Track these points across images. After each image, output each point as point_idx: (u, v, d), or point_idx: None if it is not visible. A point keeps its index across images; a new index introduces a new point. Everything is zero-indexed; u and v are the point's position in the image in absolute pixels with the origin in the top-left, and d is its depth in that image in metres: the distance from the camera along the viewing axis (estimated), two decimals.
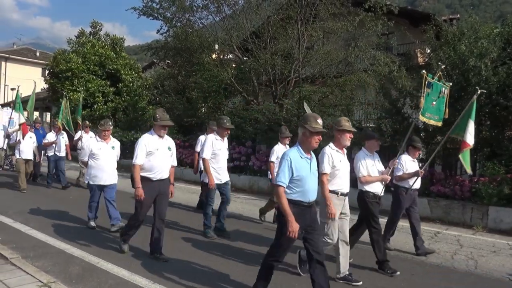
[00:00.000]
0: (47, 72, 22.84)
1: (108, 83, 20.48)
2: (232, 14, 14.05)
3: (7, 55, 42.67)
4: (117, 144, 6.60)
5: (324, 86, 12.93)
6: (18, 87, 11.69)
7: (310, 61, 13.36)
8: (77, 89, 19.28)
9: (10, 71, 41.33)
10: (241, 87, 13.95)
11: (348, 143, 4.50)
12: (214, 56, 15.15)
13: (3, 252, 4.70)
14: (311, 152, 3.73)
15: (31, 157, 10.02)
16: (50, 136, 10.62)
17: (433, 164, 9.65)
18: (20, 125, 10.17)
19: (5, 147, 11.18)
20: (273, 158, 7.15)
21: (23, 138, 9.90)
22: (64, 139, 10.75)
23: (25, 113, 11.12)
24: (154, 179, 4.86)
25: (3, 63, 42.59)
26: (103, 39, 22.84)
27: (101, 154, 6.30)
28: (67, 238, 5.67)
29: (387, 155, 11.08)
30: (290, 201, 3.50)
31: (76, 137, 10.96)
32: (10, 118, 11.70)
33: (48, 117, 27.92)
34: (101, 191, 6.38)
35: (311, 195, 3.65)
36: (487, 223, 7.63)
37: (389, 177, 5.16)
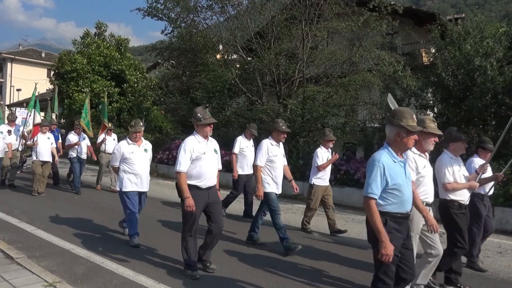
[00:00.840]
0: (52, 73, 22.99)
1: (113, 83, 20.57)
2: (236, 14, 14.07)
3: (13, 56, 43.01)
4: (149, 146, 5.90)
5: (329, 86, 12.92)
6: (36, 84, 11.18)
7: (314, 61, 13.35)
8: (82, 89, 19.40)
9: (15, 72, 41.64)
10: (245, 87, 13.96)
11: (431, 148, 3.88)
12: (218, 56, 15.18)
13: (9, 252, 4.73)
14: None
15: (49, 159, 9.40)
16: (72, 138, 9.98)
17: None
18: (34, 125, 9.67)
19: (20, 149, 10.61)
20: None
21: (31, 140, 9.39)
22: (85, 141, 10.23)
23: (52, 115, 10.97)
24: (203, 187, 4.34)
25: (9, 64, 42.92)
26: (108, 39, 22.94)
27: (135, 158, 5.57)
28: (72, 238, 5.69)
29: None
30: (385, 214, 2.93)
31: (99, 140, 10.50)
32: (26, 118, 11.32)
33: (53, 117, 27.97)
34: (140, 198, 5.68)
35: (409, 205, 3.07)
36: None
37: (477, 184, 4.51)
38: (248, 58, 14.48)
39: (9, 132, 10.17)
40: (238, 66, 15.40)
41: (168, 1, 13.57)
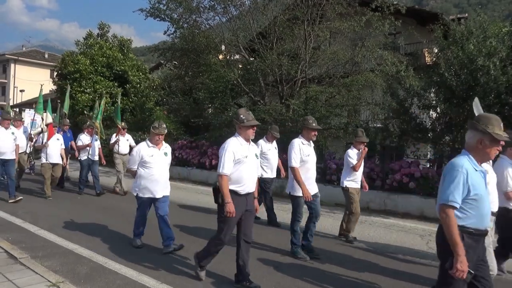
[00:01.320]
0: (55, 73, 23.08)
1: (115, 84, 20.63)
2: (238, 14, 14.08)
3: (16, 57, 43.24)
4: (169, 150, 5.58)
5: (331, 86, 12.90)
6: (42, 86, 10.98)
7: (316, 61, 13.34)
8: (85, 90, 19.46)
9: (19, 73, 41.84)
10: (247, 88, 13.97)
11: (493, 156, 3.02)
12: (220, 56, 15.19)
13: (13, 252, 4.76)
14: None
15: (58, 161, 9.03)
16: (85, 139, 9.70)
17: (441, 165, 9.58)
18: (47, 125, 9.24)
19: (28, 151, 10.27)
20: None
21: (47, 140, 8.93)
22: (97, 142, 9.94)
23: (64, 115, 10.61)
24: (242, 193, 4.11)
25: (12, 65, 43.12)
26: (110, 40, 23.02)
27: (154, 162, 5.25)
28: (76, 238, 5.71)
29: (394, 155, 11.10)
30: (462, 229, 2.65)
31: (112, 140, 10.20)
32: (33, 119, 11.20)
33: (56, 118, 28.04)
34: (151, 205, 5.41)
35: (488, 220, 2.78)
36: None
37: None
38: (251, 59, 14.48)
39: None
40: (240, 66, 15.41)
41: (170, 1, 13.59)
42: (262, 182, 7.01)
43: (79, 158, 9.76)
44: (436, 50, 10.07)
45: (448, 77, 8.49)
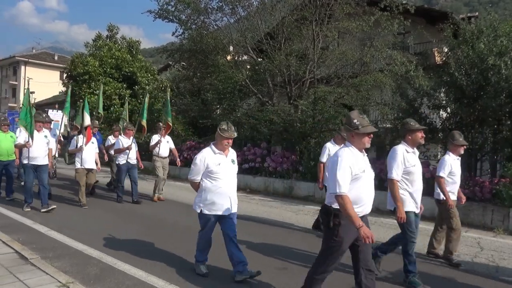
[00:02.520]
0: (65, 75, 23.32)
1: (124, 85, 20.78)
2: (246, 15, 14.09)
3: (27, 59, 43.78)
4: (235, 156, 4.63)
5: (340, 87, 12.84)
6: (70, 83, 10.86)
7: (325, 61, 13.29)
8: (94, 91, 19.63)
9: (29, 75, 42.25)
10: (256, 88, 13.97)
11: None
12: (228, 57, 15.21)
13: (23, 252, 4.80)
14: None
15: (93, 166, 8.45)
16: (125, 141, 8.97)
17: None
18: (85, 128, 8.57)
19: (56, 155, 9.73)
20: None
21: (85, 144, 8.36)
22: (135, 145, 9.26)
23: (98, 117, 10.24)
24: (360, 215, 3.30)
25: (22, 67, 43.67)
26: (119, 42, 23.19)
27: (222, 172, 4.34)
28: (85, 239, 5.74)
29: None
30: None
31: (152, 142, 9.49)
32: (60, 121, 10.77)
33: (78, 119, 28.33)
34: (216, 223, 4.53)
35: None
36: (508, 226, 7.44)
37: None
38: (259, 59, 14.47)
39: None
40: (248, 67, 15.42)
41: (178, 3, 13.65)
42: None
43: (117, 162, 9.10)
44: (446, 50, 9.98)
45: (458, 77, 8.40)
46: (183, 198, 9.40)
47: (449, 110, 9.25)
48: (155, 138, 9.49)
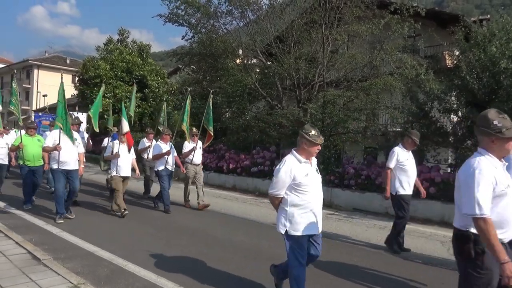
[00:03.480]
0: (76, 78, 23.62)
1: (135, 89, 20.96)
2: (256, 19, 14.15)
3: (39, 63, 44.45)
4: (315, 163, 3.90)
5: (349, 90, 12.81)
6: (103, 82, 9.90)
7: (334, 65, 13.28)
8: (105, 95, 19.83)
9: (42, 78, 42.94)
10: (265, 92, 14.00)
11: None
12: (238, 61, 15.27)
13: (36, 253, 4.87)
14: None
15: (129, 174, 7.97)
16: (163, 146, 8.49)
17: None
18: (123, 134, 8.02)
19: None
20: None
21: (129, 151, 7.96)
22: (174, 150, 8.75)
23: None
24: (505, 241, 2.65)
25: (35, 71, 44.33)
26: (130, 46, 23.45)
27: (310, 184, 3.63)
28: (96, 240, 5.80)
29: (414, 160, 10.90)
30: None
31: (186, 149, 8.93)
32: (88, 124, 10.28)
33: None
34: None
35: None
36: None
37: None
38: (268, 63, 14.52)
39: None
40: (258, 70, 15.47)
41: (188, 7, 13.77)
42: (397, 200, 5.89)
43: (155, 169, 8.58)
44: (457, 53, 9.89)
45: (469, 80, 8.32)
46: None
47: (460, 114, 9.17)
48: (188, 144, 8.96)
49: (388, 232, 7.34)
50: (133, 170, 8.16)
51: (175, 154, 8.73)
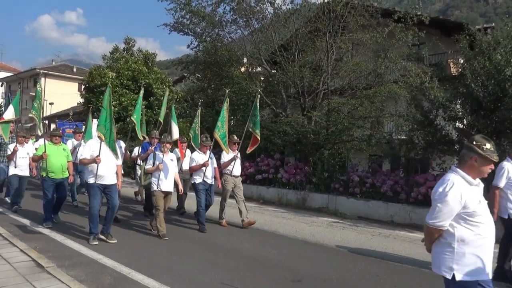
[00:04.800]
0: (83, 87, 23.83)
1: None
2: (260, 27, 14.23)
3: (47, 71, 44.90)
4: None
5: (354, 98, 12.81)
6: (142, 85, 8.63)
7: (339, 73, 13.30)
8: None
9: (49, 87, 43.29)
10: (269, 100, 14.03)
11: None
12: (242, 69, 15.34)
13: (40, 260, 4.88)
14: None
15: (171, 189, 6.95)
16: (200, 157, 7.59)
17: None
18: (168, 143, 7.06)
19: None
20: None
21: (177, 164, 7.16)
22: (213, 161, 7.81)
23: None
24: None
25: (42, 79, 44.72)
26: (136, 54, 23.65)
27: (484, 214, 2.82)
28: (100, 248, 5.81)
29: (419, 168, 10.86)
30: None
31: (225, 158, 7.96)
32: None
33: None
34: None
35: None
36: None
37: None
38: (272, 71, 14.56)
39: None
40: (262, 78, 15.51)
41: (194, 16, 13.87)
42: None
43: (192, 182, 7.73)
44: (461, 61, 9.87)
45: (474, 88, 8.30)
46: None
47: (465, 121, 9.13)
48: (228, 155, 8.00)
49: (393, 240, 7.29)
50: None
51: (215, 165, 7.85)
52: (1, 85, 53.94)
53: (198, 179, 7.56)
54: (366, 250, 6.52)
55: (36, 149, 8.25)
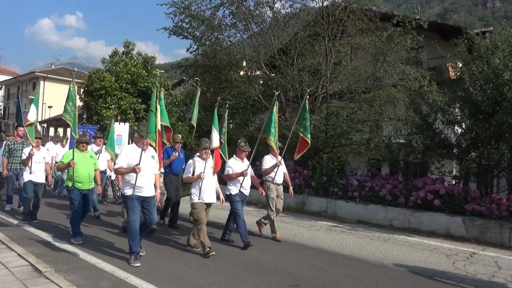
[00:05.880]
0: (82, 90, 23.82)
1: (139, 100, 21.11)
2: (259, 31, 14.27)
3: (46, 75, 44.94)
4: None
5: (352, 102, 12.83)
6: (198, 85, 8.04)
7: (337, 76, 13.33)
8: (110, 106, 19.98)
9: (48, 90, 43.33)
10: (268, 103, 14.04)
11: None
12: (242, 73, 15.37)
13: (38, 265, 4.86)
14: None
15: (214, 199, 6.25)
16: (237, 164, 6.86)
17: (467, 182, 9.31)
18: (206, 149, 6.27)
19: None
20: None
21: (214, 174, 6.40)
22: (251, 169, 7.11)
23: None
24: None
25: (41, 82, 44.77)
26: (135, 58, 23.66)
27: None
28: (98, 252, 5.79)
29: (418, 172, 10.86)
30: None
31: (267, 165, 7.29)
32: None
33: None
34: None
35: None
36: None
37: None
38: (272, 75, 14.59)
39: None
40: (261, 82, 15.53)
41: (193, 20, 13.92)
42: None
43: (227, 193, 6.76)
44: (460, 65, 9.91)
45: (473, 92, 8.33)
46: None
47: (464, 125, 9.15)
48: (269, 159, 7.36)
49: (392, 244, 7.28)
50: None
51: (253, 174, 7.16)
52: (0, 89, 54.02)
53: (234, 190, 6.72)
54: (365, 254, 6.51)
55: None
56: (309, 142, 7.46)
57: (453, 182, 9.48)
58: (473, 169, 9.23)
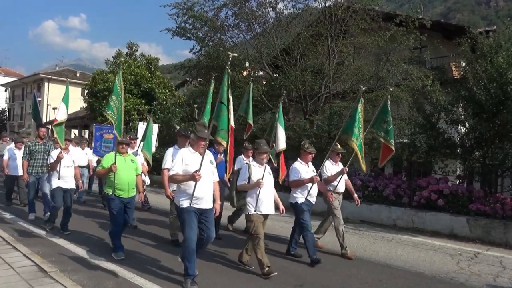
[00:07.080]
0: (86, 91, 23.95)
1: (143, 101, 21.20)
2: (262, 32, 14.31)
3: (50, 76, 45.20)
4: None
5: (355, 102, 12.80)
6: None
7: (340, 76, 13.33)
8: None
9: (52, 91, 43.56)
10: (271, 104, 14.06)
11: None
12: (244, 73, 15.39)
13: (43, 265, 4.90)
14: None
15: (273, 210, 5.44)
16: (303, 169, 6.05)
17: (471, 181, 9.28)
18: (265, 153, 5.42)
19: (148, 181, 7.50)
20: None
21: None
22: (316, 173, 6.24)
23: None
24: None
25: (46, 84, 45.03)
26: (138, 59, 23.76)
27: None
28: (103, 252, 5.81)
29: (421, 172, 10.83)
30: None
31: (328, 171, 6.45)
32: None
33: (86, 135, 29.03)
34: None
35: None
36: None
37: None
38: (274, 75, 14.61)
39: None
40: (264, 82, 15.56)
41: (196, 21, 13.97)
42: None
43: (293, 201, 6.00)
44: (463, 64, 9.88)
45: (476, 91, 8.30)
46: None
47: (467, 125, 9.12)
48: (330, 166, 6.55)
49: (396, 244, 7.27)
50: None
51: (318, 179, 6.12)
52: (5, 90, 54.32)
53: (300, 198, 5.91)
54: (368, 254, 6.50)
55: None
56: (393, 149, 6.43)
57: (457, 182, 9.46)
58: (477, 169, 9.19)
